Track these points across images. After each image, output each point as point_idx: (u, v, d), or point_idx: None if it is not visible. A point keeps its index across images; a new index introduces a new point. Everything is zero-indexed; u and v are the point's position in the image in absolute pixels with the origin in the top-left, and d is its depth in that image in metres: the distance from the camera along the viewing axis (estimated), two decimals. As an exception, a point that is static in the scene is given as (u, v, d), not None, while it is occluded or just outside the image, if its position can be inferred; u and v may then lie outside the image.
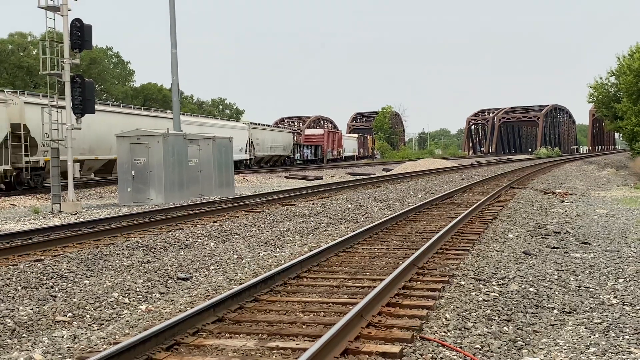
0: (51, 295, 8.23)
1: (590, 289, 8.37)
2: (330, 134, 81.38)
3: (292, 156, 65.58)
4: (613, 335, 6.39)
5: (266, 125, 62.44)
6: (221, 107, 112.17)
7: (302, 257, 9.18)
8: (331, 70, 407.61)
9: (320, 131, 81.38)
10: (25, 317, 7.15)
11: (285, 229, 14.07)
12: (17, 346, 6.31)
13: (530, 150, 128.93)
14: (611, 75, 53.19)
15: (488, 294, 7.77)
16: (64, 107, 19.91)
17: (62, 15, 19.80)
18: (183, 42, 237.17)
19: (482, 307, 7.21)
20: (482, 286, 8.16)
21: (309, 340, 5.78)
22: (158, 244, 12.11)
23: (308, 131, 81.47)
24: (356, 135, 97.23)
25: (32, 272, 9.37)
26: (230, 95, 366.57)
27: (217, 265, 10.18)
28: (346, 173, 46.79)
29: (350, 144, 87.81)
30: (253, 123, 56.52)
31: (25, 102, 26.05)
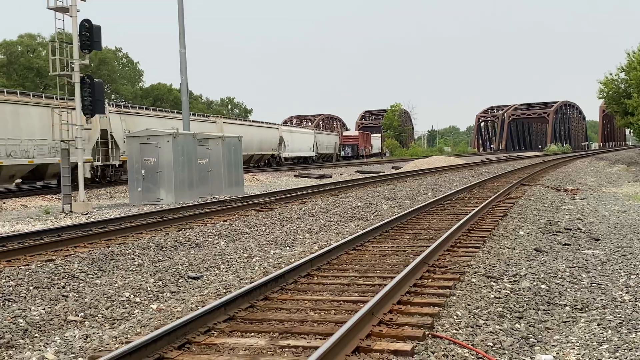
0: (63, 295, 8.27)
1: (602, 286, 8.33)
2: (363, 135, 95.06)
3: (339, 153, 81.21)
4: (626, 331, 6.36)
5: (322, 130, 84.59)
6: (229, 106, 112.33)
7: (312, 256, 9.17)
8: (339, 68, 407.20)
9: (355, 133, 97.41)
10: (38, 317, 7.18)
11: (295, 228, 14.07)
12: (30, 346, 6.34)
13: (540, 147, 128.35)
14: (621, 71, 52.91)
15: (499, 291, 7.74)
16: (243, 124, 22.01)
17: (71, 16, 19.87)
18: (191, 41, 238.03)
19: (494, 304, 7.19)
20: (493, 283, 8.14)
21: (320, 339, 5.77)
22: (169, 243, 12.14)
23: (346, 133, 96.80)
24: (380, 135, 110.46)
25: (44, 272, 9.42)
26: (238, 94, 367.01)
27: (228, 264, 10.19)
28: (355, 171, 46.74)
29: (377, 143, 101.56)
30: (317, 129, 79.13)
31: (224, 122, 46.90)
